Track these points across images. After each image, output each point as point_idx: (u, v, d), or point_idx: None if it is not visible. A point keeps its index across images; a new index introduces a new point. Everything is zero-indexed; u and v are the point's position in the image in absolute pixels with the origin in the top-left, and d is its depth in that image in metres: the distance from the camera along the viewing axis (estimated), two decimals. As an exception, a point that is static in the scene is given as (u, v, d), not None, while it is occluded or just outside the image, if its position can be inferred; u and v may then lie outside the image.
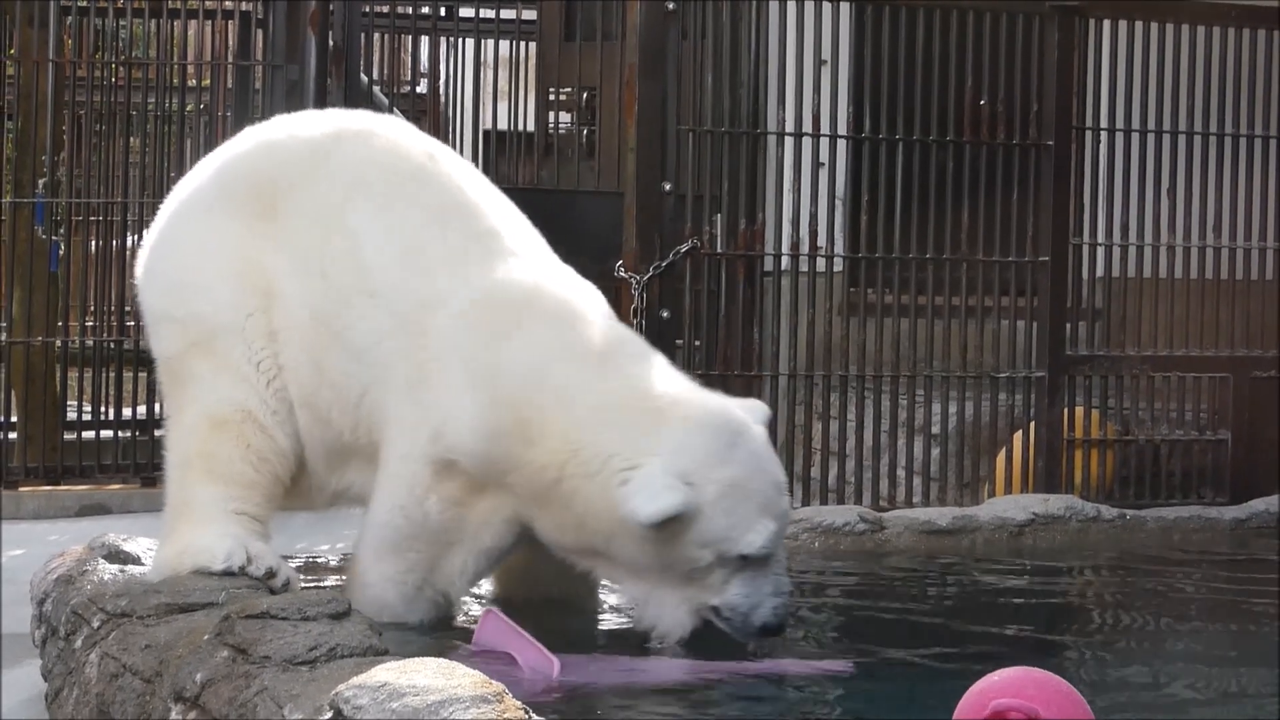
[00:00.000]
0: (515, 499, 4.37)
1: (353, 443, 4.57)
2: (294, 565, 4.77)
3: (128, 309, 8.90)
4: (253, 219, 4.62)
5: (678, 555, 4.18)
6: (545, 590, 4.81)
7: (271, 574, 4.28)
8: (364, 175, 4.63)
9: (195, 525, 4.37)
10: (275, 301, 4.58)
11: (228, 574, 4.23)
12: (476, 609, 4.64)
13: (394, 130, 4.81)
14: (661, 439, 4.16)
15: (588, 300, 4.55)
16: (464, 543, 4.45)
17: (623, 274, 7.07)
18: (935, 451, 7.88)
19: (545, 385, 4.28)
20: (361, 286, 4.50)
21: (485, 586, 4.94)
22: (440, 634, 4.41)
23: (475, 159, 10.55)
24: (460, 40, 8.68)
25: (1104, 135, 7.85)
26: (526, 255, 4.59)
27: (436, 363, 4.38)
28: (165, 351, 4.66)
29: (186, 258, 4.66)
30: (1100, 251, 7.89)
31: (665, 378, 4.39)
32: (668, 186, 7.20)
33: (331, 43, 7.87)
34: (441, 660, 2.90)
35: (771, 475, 4.30)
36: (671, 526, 4.10)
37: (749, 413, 4.41)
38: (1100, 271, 7.92)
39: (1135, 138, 7.88)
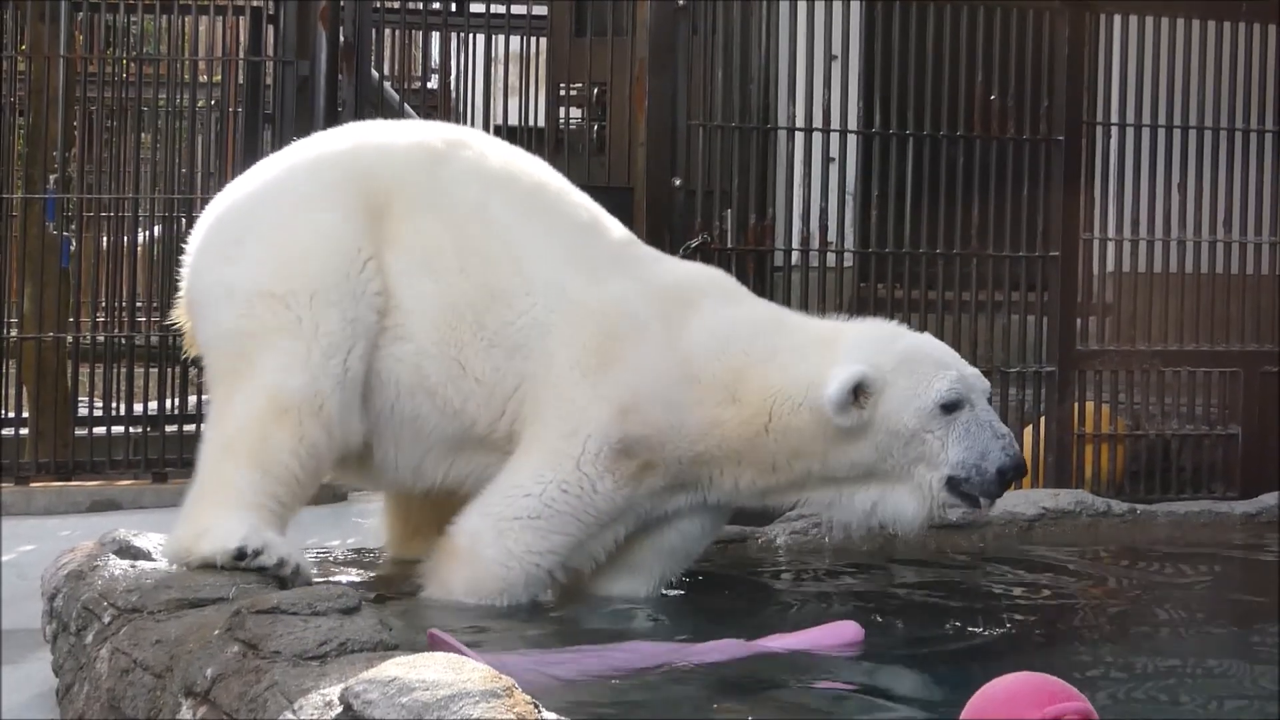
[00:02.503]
0: (684, 469, 4.70)
1: (486, 435, 4.72)
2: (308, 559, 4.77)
3: (139, 305, 8.91)
4: (362, 217, 4.69)
5: (890, 435, 4.62)
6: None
7: (283, 563, 4.30)
8: (496, 180, 4.81)
9: (217, 509, 4.39)
10: (391, 298, 4.67)
11: (240, 557, 4.24)
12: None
13: (491, 140, 5.09)
14: (839, 354, 4.67)
15: (735, 283, 5.07)
16: (621, 519, 4.71)
17: (633, 269, 7.06)
18: (945, 447, 7.84)
19: (734, 350, 4.73)
20: (518, 285, 4.69)
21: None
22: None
23: (485, 154, 10.52)
24: (470, 36, 8.66)
25: (1114, 130, 7.83)
26: (657, 255, 5.11)
27: (628, 350, 4.66)
28: (245, 327, 4.59)
29: (291, 240, 4.66)
30: (1110, 246, 7.87)
31: (821, 323, 4.95)
32: (678, 181, 7.20)
33: (342, 38, 7.86)
34: (451, 655, 2.91)
35: (940, 350, 4.79)
36: (868, 408, 4.58)
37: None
38: (1110, 266, 7.90)
39: (1145, 133, 7.87)
